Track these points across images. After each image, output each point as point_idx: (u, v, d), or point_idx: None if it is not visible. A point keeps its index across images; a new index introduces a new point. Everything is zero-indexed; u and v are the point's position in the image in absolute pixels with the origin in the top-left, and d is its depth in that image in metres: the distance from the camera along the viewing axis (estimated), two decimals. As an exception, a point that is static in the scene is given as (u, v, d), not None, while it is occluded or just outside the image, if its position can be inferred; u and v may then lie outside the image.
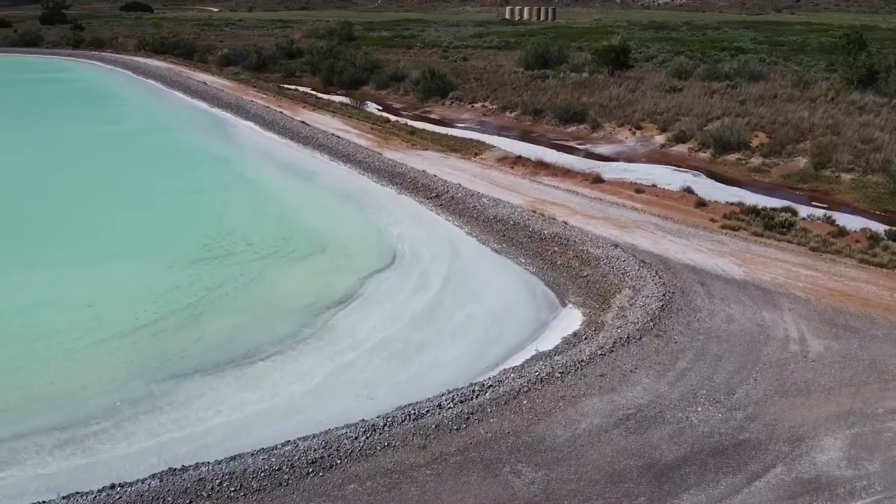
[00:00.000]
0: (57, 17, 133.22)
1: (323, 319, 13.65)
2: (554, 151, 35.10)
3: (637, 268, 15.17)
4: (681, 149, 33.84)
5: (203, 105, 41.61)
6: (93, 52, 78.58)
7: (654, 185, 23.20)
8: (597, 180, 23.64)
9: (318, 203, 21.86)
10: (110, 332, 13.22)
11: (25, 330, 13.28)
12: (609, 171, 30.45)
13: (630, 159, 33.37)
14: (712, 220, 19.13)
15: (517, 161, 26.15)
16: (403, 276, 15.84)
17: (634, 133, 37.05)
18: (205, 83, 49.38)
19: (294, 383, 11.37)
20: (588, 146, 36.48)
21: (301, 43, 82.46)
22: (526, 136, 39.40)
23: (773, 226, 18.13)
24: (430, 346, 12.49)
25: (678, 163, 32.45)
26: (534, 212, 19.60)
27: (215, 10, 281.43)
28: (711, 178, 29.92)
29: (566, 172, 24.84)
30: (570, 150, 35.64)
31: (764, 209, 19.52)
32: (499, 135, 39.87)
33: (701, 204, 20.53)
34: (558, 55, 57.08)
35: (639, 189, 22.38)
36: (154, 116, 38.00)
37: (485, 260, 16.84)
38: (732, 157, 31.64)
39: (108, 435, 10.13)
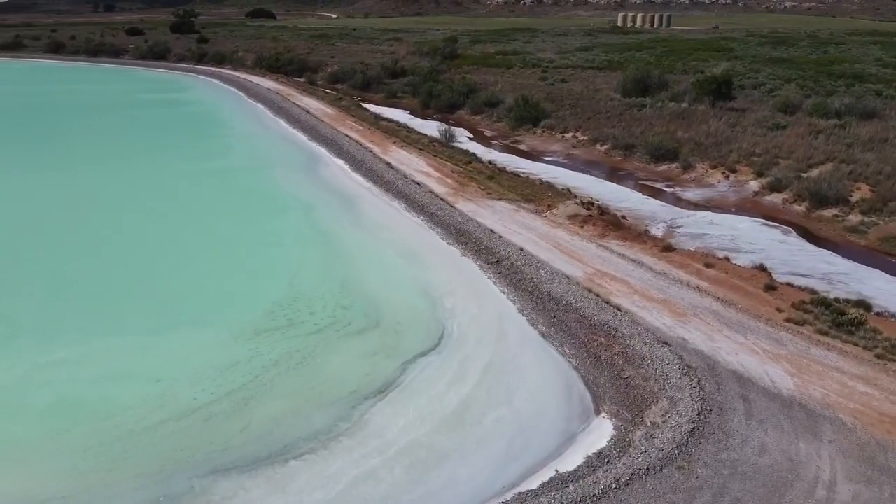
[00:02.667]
0: (186, 26, 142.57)
1: (359, 413, 14.36)
2: (639, 195, 34.53)
3: (679, 375, 14.91)
4: (775, 199, 32.38)
5: (302, 137, 43.77)
6: (213, 69, 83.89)
7: (726, 259, 22.44)
8: (667, 249, 23.12)
9: (383, 264, 22.70)
10: (170, 412, 14.49)
11: (100, 405, 14.79)
12: (692, 223, 29.71)
13: (719, 207, 32.32)
14: (778, 310, 18.35)
15: (587, 220, 25.97)
16: (445, 363, 16.31)
17: (728, 176, 35.76)
18: (307, 111, 51.80)
19: (318, 489, 12.11)
20: (677, 189, 35.56)
21: (405, 61, 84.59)
22: (613, 174, 38.87)
23: (841, 323, 17.20)
24: (451, 456, 12.89)
25: (770, 215, 31.08)
26: (589, 290, 19.53)
27: (333, 16, 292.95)
28: (803, 236, 28.51)
29: (637, 236, 24.43)
30: (657, 193, 34.91)
31: (836, 301, 18.54)
32: (585, 172, 39.55)
33: (770, 288, 19.71)
34: (659, 81, 55.60)
35: (709, 263, 21.73)
36: (255, 151, 40.39)
37: (529, 347, 17.02)
38: (829, 212, 29.95)
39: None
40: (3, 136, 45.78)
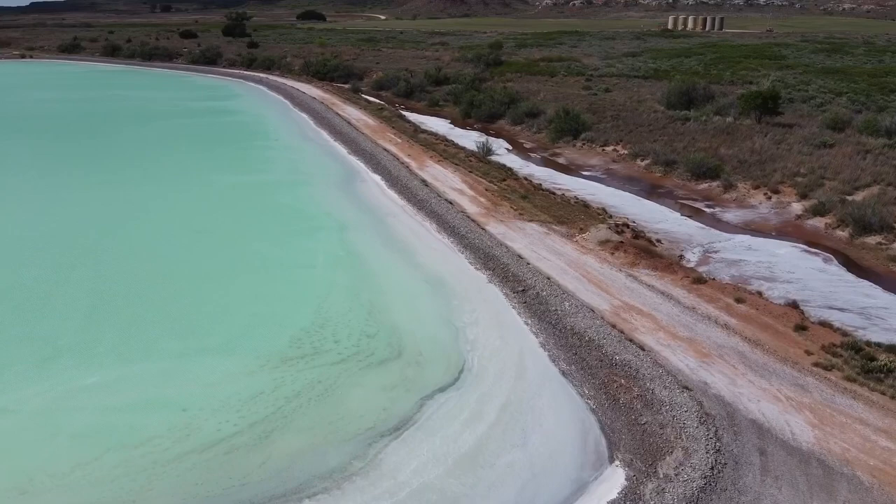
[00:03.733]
0: (238, 29, 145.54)
1: (374, 451, 14.63)
2: (677, 215, 34.09)
3: (697, 424, 14.76)
4: (817, 223, 31.61)
5: (342, 150, 44.45)
6: (261, 75, 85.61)
7: (758, 294, 22.03)
8: (697, 280, 22.79)
9: (411, 289, 22.97)
10: (194, 444, 15.00)
11: (129, 433, 15.39)
12: (730, 248, 29.21)
13: (759, 231, 31.70)
14: (807, 353, 17.96)
15: (619, 247, 25.76)
16: (463, 399, 16.47)
17: (770, 198, 35.03)
18: (349, 122, 52.52)
19: (327, 532, 12.42)
20: (716, 210, 34.98)
21: (449, 67, 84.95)
22: (652, 191, 38.40)
23: (870, 369, 16.76)
24: (461, 502, 13.05)
25: (811, 240, 30.34)
26: (613, 326, 19.43)
27: (382, 17, 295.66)
28: (844, 264, 27.76)
29: (668, 266, 24.14)
30: (696, 213, 34.40)
31: (867, 345, 18.05)
32: (623, 188, 39.16)
33: (801, 328, 19.27)
34: (704, 93, 54.63)
35: (740, 298, 21.36)
36: (296, 164, 41.19)
37: (548, 386, 17.05)
38: (873, 239, 29.10)
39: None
40: (54, 148, 47.47)
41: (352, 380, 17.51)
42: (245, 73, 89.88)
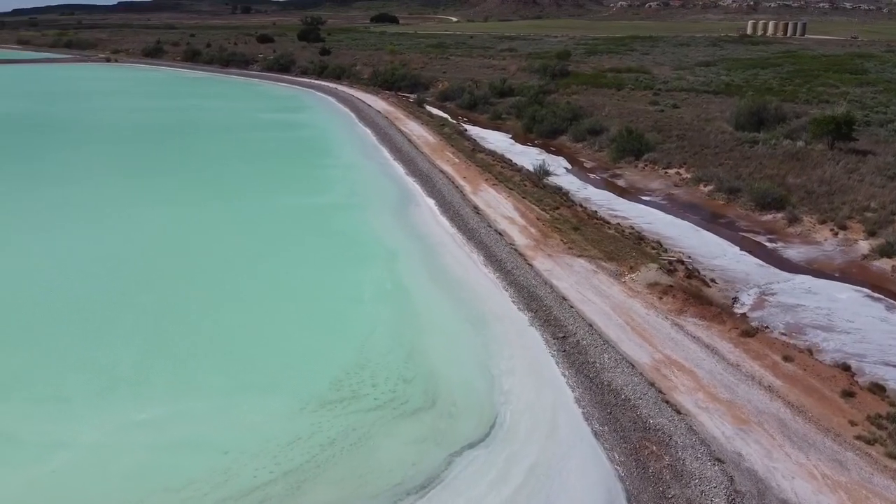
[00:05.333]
0: (312, 34, 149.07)
1: (397, 511, 15.00)
2: (736, 249, 33.22)
3: (724, 503, 14.49)
4: (884, 264, 30.32)
5: (400, 171, 45.18)
6: (331, 86, 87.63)
7: (808, 352, 21.32)
8: (746, 333, 22.19)
9: (451, 330, 23.26)
10: (231, 490, 15.71)
11: (172, 475, 16.21)
12: (788, 291, 28.29)
13: (821, 271, 30.62)
14: (851, 423, 17.32)
15: (667, 291, 25.32)
16: (491, 458, 16.63)
17: (836, 234, 33.72)
18: (409, 139, 53.25)
19: None
20: (778, 245, 33.91)
21: (515, 78, 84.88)
22: (713, 221, 37.51)
23: (918, 449, 16.04)
24: (476, 575, 13.27)
25: (877, 283, 29.12)
26: (652, 384, 19.19)
27: (454, 19, 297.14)
28: (911, 313, 26.50)
29: (716, 315, 23.59)
30: (756, 248, 33.46)
31: (919, 419, 17.24)
32: (683, 217, 38.38)
33: (848, 394, 18.57)
34: (775, 114, 52.83)
35: (787, 356, 20.71)
36: (354, 185, 42.12)
37: (579, 447, 17.02)
38: (943, 287, 27.65)
39: None
40: (125, 161, 49.53)
41: (385, 429, 17.92)
42: (316, 82, 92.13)
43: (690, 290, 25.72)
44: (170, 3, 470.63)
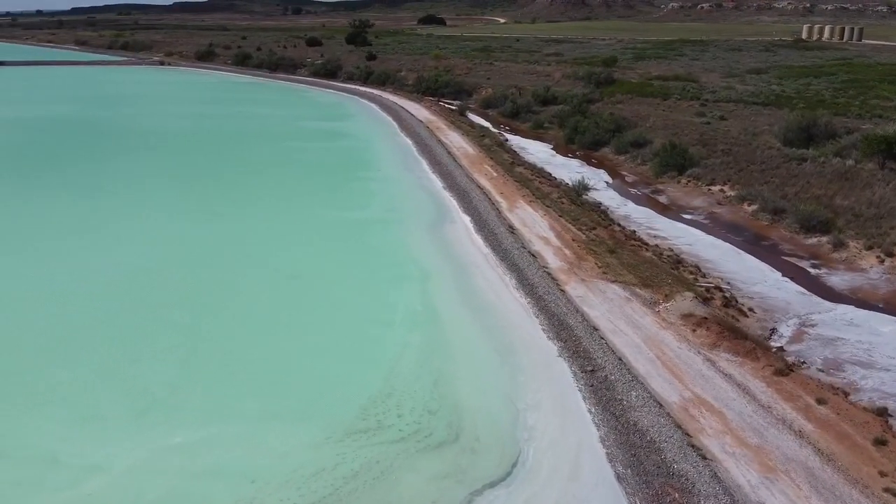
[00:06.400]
0: (359, 38, 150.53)
1: (414, 553, 15.17)
2: (777, 275, 32.49)
3: (743, 560, 14.27)
4: (932, 296, 29.19)
5: (438, 185, 45.42)
6: (375, 93, 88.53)
7: (843, 394, 20.76)
8: (780, 372, 21.69)
9: (479, 358, 23.34)
10: (254, 521, 16.16)
11: (202, 503, 16.77)
12: (828, 322, 27.56)
13: (865, 300, 29.75)
14: (881, 474, 16.79)
15: (701, 323, 24.90)
16: (511, 499, 16.66)
17: (882, 261, 32.71)
18: (449, 151, 53.46)
19: None
20: (822, 271, 33.05)
21: (559, 85, 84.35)
22: (755, 244, 36.74)
23: (952, 509, 15.49)
24: None
25: (921, 317, 28.11)
26: (679, 426, 18.94)
27: (501, 20, 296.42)
28: (958, 349, 25.53)
29: (750, 351, 23.11)
30: (798, 274, 32.66)
31: (954, 476, 16.63)
32: (724, 238, 37.68)
33: (881, 442, 18.03)
34: (825, 129, 51.35)
35: (821, 398, 20.19)
36: (392, 199, 42.51)
37: (600, 491, 16.92)
38: None
39: None
40: (168, 171, 50.63)
41: (408, 463, 18.12)
42: (360, 88, 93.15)
43: (725, 323, 25.25)
44: (224, 3, 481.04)
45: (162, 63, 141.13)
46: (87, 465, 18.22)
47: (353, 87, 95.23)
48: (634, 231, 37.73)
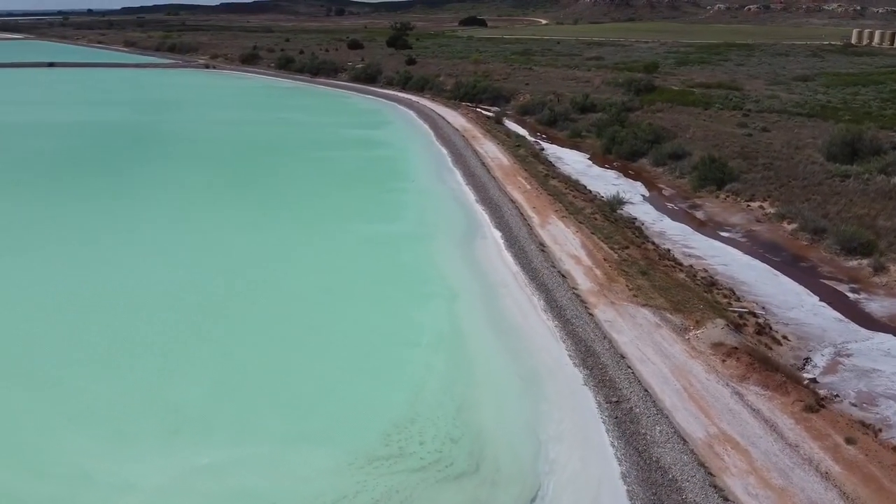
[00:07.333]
0: (399, 41, 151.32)
1: (431, 587, 15.32)
2: (815, 300, 31.81)
3: None
4: (976, 327, 28.23)
5: (471, 198, 45.52)
6: (413, 99, 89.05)
7: (873, 433, 20.24)
8: (809, 409, 21.26)
9: (502, 385, 23.39)
10: (275, 547, 16.51)
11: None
12: (864, 352, 26.94)
13: (904, 330, 28.86)
14: (911, 525, 16.43)
15: (732, 353, 24.52)
16: (529, 536, 16.75)
17: (925, 287, 31.67)
18: (483, 162, 53.49)
19: None
20: (861, 296, 32.25)
21: (598, 92, 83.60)
22: (793, 265, 36.00)
23: None
24: None
25: (963, 347, 27.22)
26: (702, 464, 18.73)
27: (543, 21, 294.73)
28: None
29: (780, 385, 22.68)
30: (836, 299, 31.92)
31: None
32: (761, 258, 36.98)
33: (912, 490, 17.59)
34: (871, 144, 49.96)
35: (850, 438, 19.75)
36: (424, 213, 42.74)
37: (618, 530, 16.88)
38: None
39: None
40: (204, 180, 51.27)
41: (428, 493, 18.29)
42: (399, 94, 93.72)
43: (756, 354, 24.81)
44: (269, 3, 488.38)
45: (207, 66, 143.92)
46: (119, 483, 18.85)
47: (391, 92, 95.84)
48: (669, 250, 37.26)
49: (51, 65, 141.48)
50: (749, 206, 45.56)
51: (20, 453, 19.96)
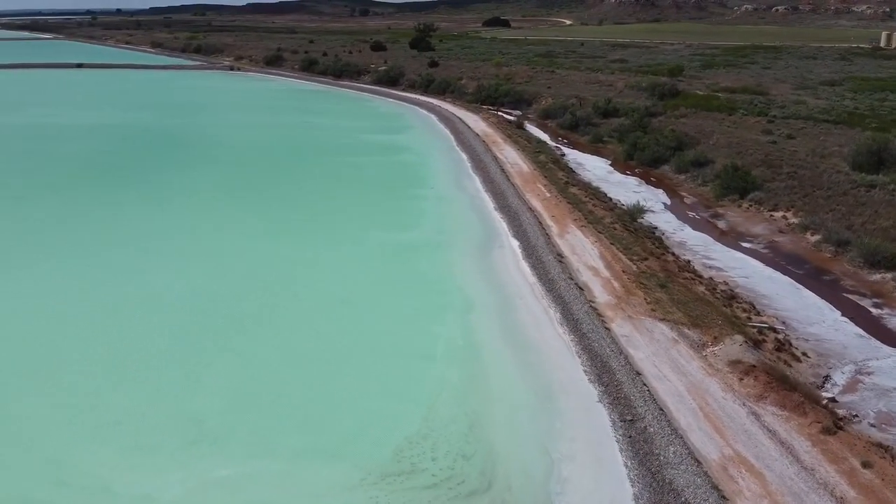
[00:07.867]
0: (422, 43, 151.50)
1: None
2: (837, 315, 31.43)
3: None
4: None
5: (489, 205, 45.51)
6: (435, 102, 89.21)
7: (892, 457, 19.92)
8: (827, 431, 20.99)
9: (516, 400, 23.37)
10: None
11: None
12: (886, 370, 26.60)
13: (928, 345, 28.38)
14: (927, 556, 16.16)
15: (749, 371, 24.27)
16: (538, 558, 16.75)
17: (951, 304, 31.11)
18: (502, 168, 53.45)
19: None
20: (884, 311, 31.83)
21: (621, 96, 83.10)
22: (816, 278, 35.55)
23: None
24: None
25: None
26: (716, 487, 18.59)
27: (567, 22, 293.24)
28: None
29: (798, 405, 22.40)
30: (859, 314, 31.51)
31: None
32: (783, 270, 36.55)
33: (929, 519, 17.32)
34: (898, 154, 49.05)
35: (867, 462, 19.48)
36: (442, 220, 42.80)
37: (629, 554, 16.82)
38: None
39: None
40: (225, 186, 51.54)
41: (438, 512, 18.38)
42: (421, 98, 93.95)
43: (774, 372, 24.51)
44: (294, 4, 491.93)
45: (231, 68, 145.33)
46: (139, 494, 19.16)
47: (413, 96, 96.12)
48: (689, 261, 36.99)
49: (79, 66, 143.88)
50: (772, 216, 45.04)
51: (42, 464, 20.38)
